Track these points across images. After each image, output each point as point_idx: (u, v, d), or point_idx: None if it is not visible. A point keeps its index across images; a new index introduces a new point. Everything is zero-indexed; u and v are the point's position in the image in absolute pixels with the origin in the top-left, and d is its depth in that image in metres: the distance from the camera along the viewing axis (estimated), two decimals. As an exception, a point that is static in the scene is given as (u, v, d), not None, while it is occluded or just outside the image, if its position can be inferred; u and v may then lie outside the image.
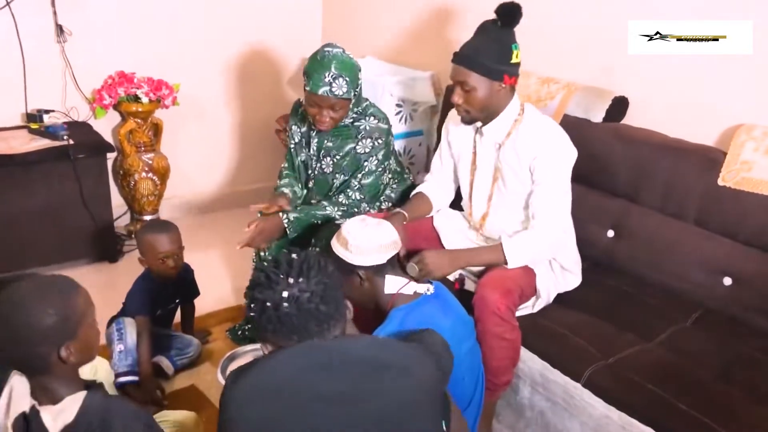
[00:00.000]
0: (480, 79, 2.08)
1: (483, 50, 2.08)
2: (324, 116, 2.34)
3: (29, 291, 1.39)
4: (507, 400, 2.19)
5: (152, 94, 3.32)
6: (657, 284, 2.35)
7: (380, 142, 2.45)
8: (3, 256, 2.96)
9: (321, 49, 2.34)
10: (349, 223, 1.94)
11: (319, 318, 1.35)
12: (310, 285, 1.35)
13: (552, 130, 2.17)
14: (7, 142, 3.01)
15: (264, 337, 1.41)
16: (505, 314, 2.06)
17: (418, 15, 3.44)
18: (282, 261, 1.39)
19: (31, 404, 1.36)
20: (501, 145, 2.20)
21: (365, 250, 1.88)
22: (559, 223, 2.16)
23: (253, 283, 1.39)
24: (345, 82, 2.28)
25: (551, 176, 2.12)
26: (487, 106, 2.14)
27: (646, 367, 1.94)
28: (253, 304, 1.37)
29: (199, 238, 3.50)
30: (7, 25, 3.08)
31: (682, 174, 2.32)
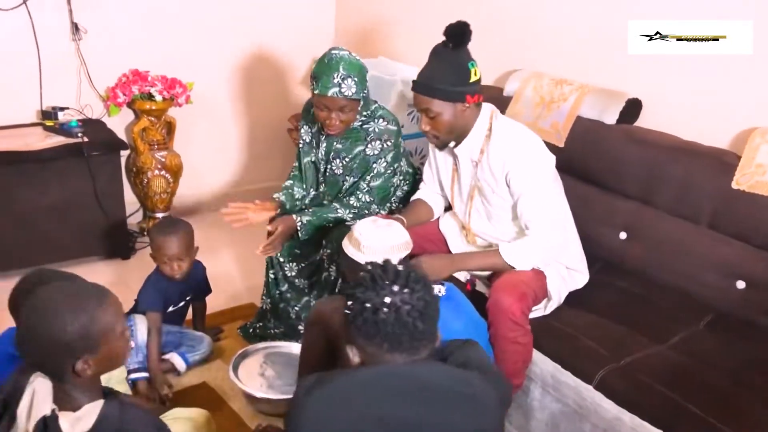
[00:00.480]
0: (442, 104, 2.09)
1: (439, 75, 2.09)
2: (333, 119, 2.34)
3: (57, 300, 1.39)
4: (517, 402, 2.19)
5: (166, 93, 3.34)
6: (669, 287, 2.34)
7: (389, 144, 2.45)
8: (18, 252, 2.99)
9: (328, 52, 2.34)
10: (361, 224, 1.95)
11: (414, 334, 1.34)
12: (413, 298, 1.35)
13: (520, 141, 2.16)
14: (22, 139, 3.04)
15: (353, 340, 1.41)
16: (520, 319, 2.06)
17: (430, 15, 3.44)
18: (389, 268, 1.39)
19: (52, 408, 1.37)
20: (477, 162, 2.21)
21: (377, 250, 1.89)
22: (552, 228, 2.15)
23: (356, 283, 1.39)
24: (354, 82, 2.29)
25: (529, 186, 2.12)
26: (455, 128, 2.15)
27: (657, 369, 1.93)
28: (351, 302, 1.37)
29: (210, 236, 3.50)
30: (23, 23, 3.11)
31: (696, 177, 2.31)
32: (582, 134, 2.58)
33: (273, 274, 2.66)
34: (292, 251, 2.59)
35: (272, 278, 2.66)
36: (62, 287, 1.46)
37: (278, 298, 2.66)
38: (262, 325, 2.73)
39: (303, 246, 2.55)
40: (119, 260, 3.32)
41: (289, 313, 2.65)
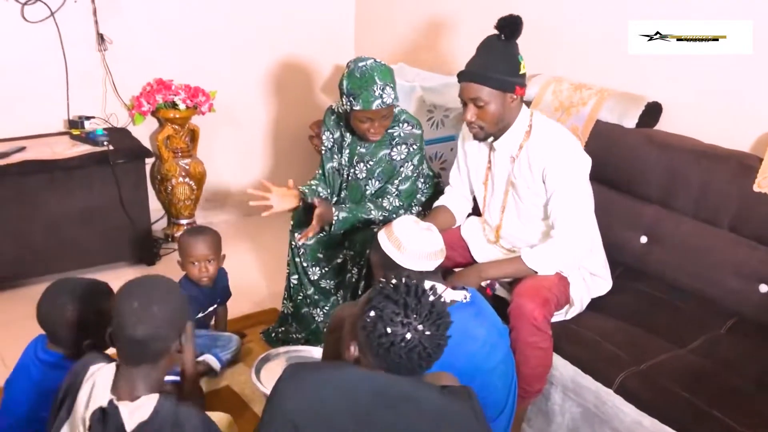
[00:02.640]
0: (493, 94, 2.08)
1: (492, 65, 2.08)
2: (377, 127, 2.38)
3: (158, 284, 1.57)
4: (538, 406, 2.19)
5: (189, 101, 3.40)
6: (691, 291, 2.33)
7: (415, 147, 2.47)
8: (45, 258, 3.06)
9: (356, 66, 2.34)
10: (402, 223, 1.91)
11: (414, 370, 1.39)
12: (431, 342, 1.38)
13: (561, 138, 2.17)
14: (50, 147, 3.11)
15: (359, 342, 1.44)
16: (542, 324, 2.06)
17: (449, 21, 3.47)
18: (425, 302, 1.40)
19: (110, 399, 1.45)
20: (515, 157, 2.21)
21: (418, 254, 1.86)
22: (580, 230, 2.15)
23: (387, 301, 1.40)
24: (391, 88, 2.32)
25: (564, 184, 2.12)
26: (501, 120, 2.15)
27: (678, 373, 1.93)
28: (374, 314, 1.39)
29: (233, 242, 3.56)
30: (51, 34, 3.18)
31: (717, 180, 2.30)
32: (601, 138, 2.58)
33: (296, 278, 2.69)
34: (315, 255, 2.62)
35: (295, 283, 2.69)
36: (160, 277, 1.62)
37: (302, 302, 2.69)
38: (284, 330, 2.76)
39: (325, 250, 2.58)
40: (144, 266, 3.37)
41: (313, 317, 2.68)
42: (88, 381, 1.51)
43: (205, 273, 2.48)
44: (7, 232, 2.99)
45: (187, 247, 2.47)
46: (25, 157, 2.98)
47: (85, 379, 1.52)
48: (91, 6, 3.23)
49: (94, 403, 1.46)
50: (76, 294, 1.81)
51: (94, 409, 1.44)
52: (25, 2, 3.08)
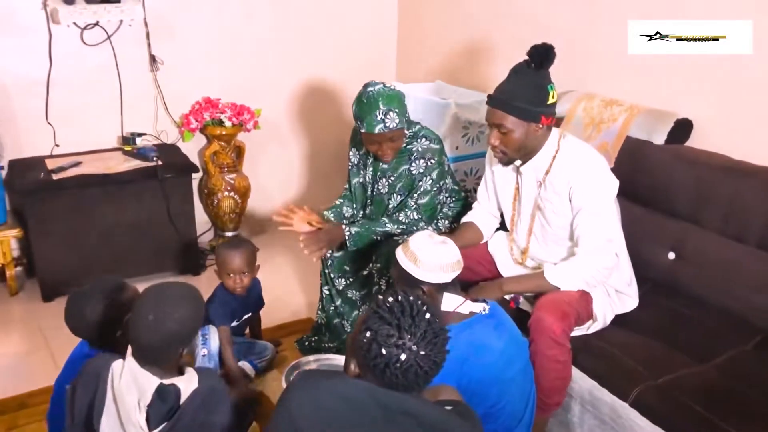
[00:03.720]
0: (516, 122, 2.11)
1: (519, 93, 2.10)
2: (385, 149, 2.47)
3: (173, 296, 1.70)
4: (558, 419, 2.22)
5: (235, 119, 3.55)
6: (718, 307, 2.32)
7: (433, 162, 2.54)
8: (98, 266, 3.23)
9: (364, 91, 2.47)
10: (418, 238, 1.97)
11: (410, 388, 1.43)
12: (427, 361, 1.41)
13: (589, 159, 2.18)
14: (104, 162, 3.31)
15: (355, 357, 1.49)
16: (560, 337, 2.09)
17: (485, 40, 3.53)
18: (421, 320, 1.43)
19: (159, 381, 1.64)
20: (542, 182, 2.24)
21: (434, 267, 1.92)
22: (603, 249, 2.16)
23: (381, 322, 1.42)
24: (395, 114, 2.40)
25: (589, 202, 2.14)
26: (524, 147, 2.17)
27: (696, 389, 1.93)
28: (369, 334, 1.42)
29: (275, 254, 3.69)
30: (107, 56, 3.39)
31: (745, 196, 2.29)
32: (631, 154, 2.59)
33: (327, 290, 2.79)
34: (342, 267, 2.71)
35: (326, 294, 2.79)
36: (175, 285, 1.79)
37: (333, 313, 2.78)
38: (317, 339, 2.85)
39: (352, 262, 2.67)
40: (190, 276, 3.52)
41: (344, 327, 2.76)
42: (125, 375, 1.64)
43: (239, 284, 2.59)
44: (63, 241, 3.19)
45: (224, 259, 2.58)
46: (80, 171, 3.18)
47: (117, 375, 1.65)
48: (144, 29, 3.42)
49: (147, 388, 1.63)
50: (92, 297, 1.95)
51: (148, 393, 1.62)
52: (84, 27, 3.29)
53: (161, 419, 1.61)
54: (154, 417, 1.60)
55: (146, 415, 1.60)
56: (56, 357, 2.74)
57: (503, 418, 1.95)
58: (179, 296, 1.71)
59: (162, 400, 1.61)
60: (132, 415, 1.60)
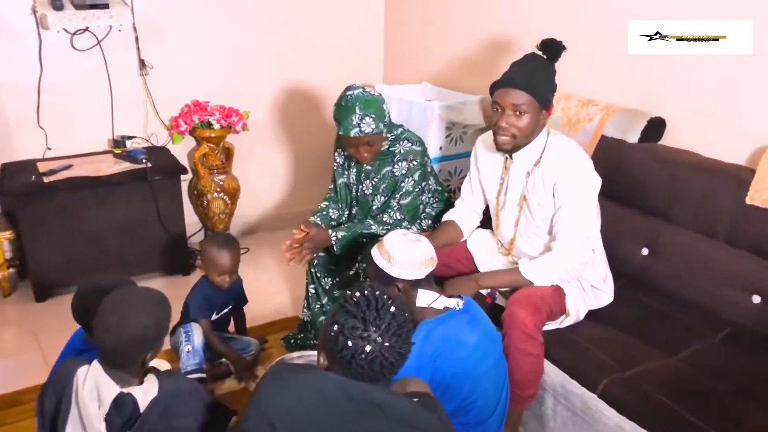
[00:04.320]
0: (533, 105, 2.15)
1: (538, 78, 2.17)
2: (362, 152, 2.53)
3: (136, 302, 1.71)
4: (533, 411, 2.28)
5: (223, 121, 3.61)
6: (689, 301, 2.38)
7: (415, 163, 2.60)
8: (89, 268, 3.28)
9: (344, 94, 2.52)
10: (391, 237, 2.04)
11: (376, 379, 1.48)
12: (392, 353, 1.46)
13: (575, 156, 2.24)
14: (95, 165, 3.36)
15: (324, 350, 1.55)
16: (532, 331, 2.14)
17: (470, 43, 3.59)
18: (385, 313, 1.48)
19: (119, 390, 1.65)
20: (530, 173, 2.30)
21: (408, 264, 1.99)
22: (579, 246, 2.22)
23: (347, 316, 1.48)
24: (371, 119, 2.45)
25: (571, 199, 2.20)
26: (532, 132, 2.22)
27: (663, 380, 1.99)
28: (337, 328, 1.48)
29: (264, 254, 3.75)
30: (97, 61, 3.44)
31: (713, 193, 2.35)
32: (606, 153, 2.65)
33: (313, 288, 2.85)
34: (328, 267, 2.77)
35: (312, 293, 2.85)
36: (142, 290, 1.80)
37: (318, 311, 2.84)
38: (303, 336, 2.91)
39: (337, 262, 2.73)
40: (180, 276, 3.59)
41: (329, 326, 2.82)
42: (88, 381, 1.67)
43: (228, 282, 2.66)
44: (55, 243, 3.25)
45: (215, 260, 2.63)
46: (71, 174, 3.24)
47: (81, 382, 1.68)
48: (134, 34, 3.47)
49: (106, 398, 1.65)
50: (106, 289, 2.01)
51: (107, 402, 1.63)
52: (74, 32, 3.34)
53: (119, 429, 1.62)
54: (112, 427, 1.62)
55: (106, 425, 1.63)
56: (47, 356, 2.81)
57: (475, 411, 2.01)
58: (142, 302, 1.72)
59: (118, 411, 1.62)
60: (94, 423, 1.63)
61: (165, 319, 1.76)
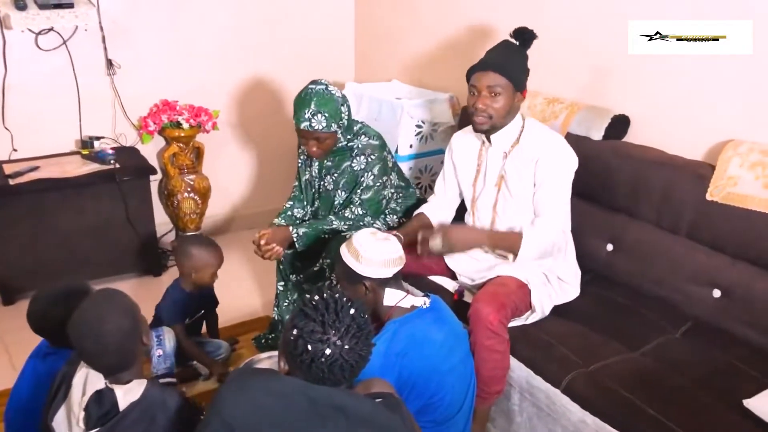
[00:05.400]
0: (508, 86, 2.26)
1: (512, 61, 2.28)
2: (311, 146, 2.55)
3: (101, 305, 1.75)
4: (500, 406, 2.30)
5: (192, 120, 3.59)
6: (652, 296, 2.42)
7: (373, 157, 2.62)
8: (57, 271, 3.26)
9: (306, 86, 2.54)
10: (360, 235, 2.06)
11: (337, 381, 1.49)
12: (352, 355, 1.47)
13: (555, 137, 2.35)
14: (61, 166, 3.33)
15: (284, 354, 1.55)
16: (497, 328, 2.17)
17: (440, 41, 3.60)
18: (344, 315, 1.49)
19: (105, 383, 1.69)
20: (507, 153, 2.36)
21: (375, 263, 2.01)
22: (561, 220, 2.31)
23: (307, 320, 1.48)
24: (324, 117, 2.47)
25: (553, 177, 2.28)
26: (507, 113, 2.30)
27: (624, 375, 2.02)
28: (296, 331, 1.48)
29: (235, 254, 3.74)
30: (64, 61, 3.40)
31: (675, 189, 2.39)
32: (570, 150, 2.68)
33: (282, 285, 2.85)
34: (294, 263, 2.78)
35: (281, 290, 2.85)
36: (92, 300, 1.79)
37: (286, 309, 2.85)
38: (274, 336, 2.91)
39: (302, 259, 2.74)
40: (152, 277, 3.57)
41: (299, 324, 2.83)
42: (82, 370, 1.72)
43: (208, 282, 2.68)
44: (21, 246, 3.22)
45: (209, 261, 2.64)
46: (37, 176, 3.20)
47: (79, 368, 1.73)
48: (100, 34, 3.43)
49: (90, 388, 1.68)
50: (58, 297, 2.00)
51: (90, 393, 1.67)
52: (39, 32, 3.30)
53: (96, 422, 1.66)
54: (90, 418, 1.65)
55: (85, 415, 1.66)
56: (15, 360, 2.78)
57: (443, 408, 2.03)
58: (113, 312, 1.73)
59: (97, 403, 1.65)
60: (75, 409, 1.67)
61: (129, 306, 1.79)
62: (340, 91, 2.59)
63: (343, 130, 2.56)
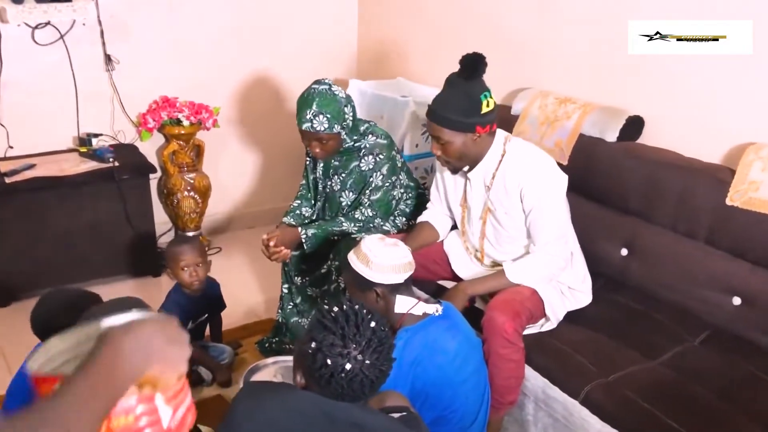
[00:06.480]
0: (453, 134, 2.15)
1: (451, 105, 2.13)
2: (314, 147, 2.49)
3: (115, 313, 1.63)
4: (513, 416, 2.25)
5: (193, 118, 3.51)
6: (668, 303, 2.36)
7: (381, 157, 2.55)
8: (55, 271, 3.18)
9: (309, 86, 2.49)
10: (369, 241, 2.00)
11: (357, 397, 1.42)
12: (373, 370, 1.40)
13: (536, 158, 2.23)
14: (59, 164, 3.25)
15: (300, 368, 1.48)
16: (512, 336, 2.11)
17: (445, 37, 3.53)
18: (365, 329, 1.42)
19: None
20: (489, 186, 2.27)
21: (386, 268, 1.95)
22: (559, 244, 2.21)
23: (326, 332, 1.42)
24: (326, 118, 2.41)
25: (542, 200, 2.17)
26: (466, 156, 2.21)
27: (644, 385, 1.97)
28: (314, 345, 1.41)
29: (236, 253, 3.67)
30: (61, 56, 3.32)
31: (693, 193, 2.33)
32: (584, 152, 2.62)
33: (287, 288, 2.79)
34: (299, 266, 2.72)
35: (285, 292, 2.79)
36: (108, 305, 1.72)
37: (291, 312, 2.78)
38: (278, 340, 2.84)
39: (309, 261, 2.68)
40: (150, 278, 3.49)
41: (303, 327, 2.76)
42: None
43: (195, 277, 2.56)
44: (18, 246, 3.13)
45: (176, 255, 2.57)
46: (34, 174, 3.12)
47: None
48: (99, 28, 3.35)
49: None
50: (69, 303, 1.94)
51: None
52: (35, 26, 3.21)
53: None
54: None
55: None
56: (10, 363, 2.71)
57: (457, 420, 1.97)
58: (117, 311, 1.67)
59: None
60: None
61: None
62: (344, 91, 2.53)
63: (347, 131, 2.50)
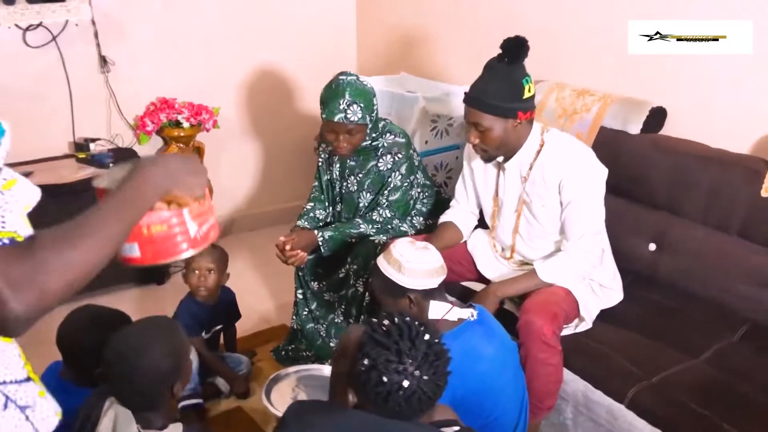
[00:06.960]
0: (493, 120, 2.07)
1: (493, 90, 2.06)
2: (341, 142, 2.39)
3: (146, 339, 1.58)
4: (551, 421, 2.18)
5: (193, 119, 3.40)
6: (702, 298, 2.30)
7: (400, 156, 2.48)
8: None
9: (336, 78, 2.40)
10: (400, 245, 1.91)
11: (414, 414, 1.36)
12: (430, 385, 1.35)
13: (577, 150, 2.16)
14: (56, 171, 3.12)
15: (354, 387, 1.41)
16: (551, 339, 2.04)
17: (450, 30, 3.45)
18: (420, 343, 1.36)
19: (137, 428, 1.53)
20: (526, 177, 2.19)
21: (419, 273, 1.86)
22: (593, 241, 2.14)
23: (379, 348, 1.36)
24: (359, 108, 2.32)
25: (581, 194, 2.11)
26: (505, 144, 2.13)
27: (691, 385, 1.91)
28: (367, 362, 1.35)
29: (241, 256, 3.57)
30: (54, 58, 3.19)
31: (725, 185, 2.28)
32: (606, 145, 2.54)
33: (301, 293, 2.70)
34: (315, 270, 2.63)
35: (300, 298, 2.70)
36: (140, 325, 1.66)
37: (307, 318, 2.70)
38: (294, 347, 2.75)
39: (324, 265, 2.60)
40: (154, 285, 3.38)
41: (319, 333, 2.68)
42: (108, 412, 1.56)
43: (203, 282, 2.45)
44: (17, 257, 3.00)
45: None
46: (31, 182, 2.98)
47: (104, 411, 1.56)
48: (92, 29, 3.23)
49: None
50: (97, 321, 1.86)
51: None
52: (26, 28, 3.09)
53: None
54: None
55: None
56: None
57: (497, 428, 1.90)
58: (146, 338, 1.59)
59: None
60: None
61: (177, 346, 1.63)
62: (369, 83, 2.44)
63: (373, 123, 2.41)
